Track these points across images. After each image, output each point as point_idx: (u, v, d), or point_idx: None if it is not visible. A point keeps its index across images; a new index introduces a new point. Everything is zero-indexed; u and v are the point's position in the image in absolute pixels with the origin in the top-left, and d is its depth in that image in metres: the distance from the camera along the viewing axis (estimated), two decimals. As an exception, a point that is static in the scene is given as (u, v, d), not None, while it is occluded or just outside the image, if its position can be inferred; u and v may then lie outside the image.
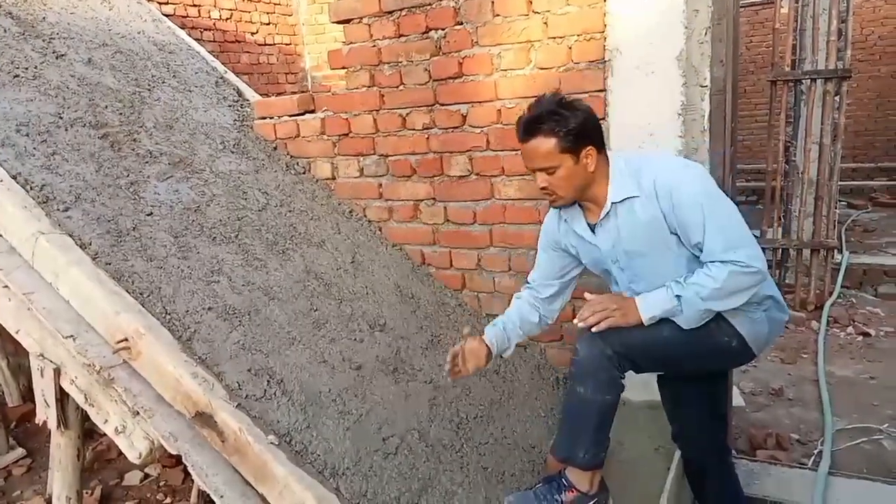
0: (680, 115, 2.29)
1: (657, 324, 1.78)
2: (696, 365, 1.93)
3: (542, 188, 1.78)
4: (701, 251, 1.71)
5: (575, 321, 1.84)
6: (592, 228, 1.87)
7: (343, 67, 3.01)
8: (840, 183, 5.08)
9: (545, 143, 1.71)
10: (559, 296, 2.07)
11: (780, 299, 1.89)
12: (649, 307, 1.77)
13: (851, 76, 4.78)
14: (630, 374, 1.87)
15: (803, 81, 4.81)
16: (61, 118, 2.70)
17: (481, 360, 1.98)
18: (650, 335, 1.79)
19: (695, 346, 1.81)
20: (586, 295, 1.87)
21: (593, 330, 1.79)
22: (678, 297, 1.73)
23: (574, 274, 2.06)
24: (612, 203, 1.78)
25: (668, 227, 1.73)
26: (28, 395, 3.88)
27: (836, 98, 4.75)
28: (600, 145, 1.77)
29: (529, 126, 1.73)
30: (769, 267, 4.95)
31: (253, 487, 1.78)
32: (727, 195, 1.79)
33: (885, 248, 5.97)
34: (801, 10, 4.84)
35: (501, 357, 2.07)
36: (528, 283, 2.11)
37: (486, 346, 1.99)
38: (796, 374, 3.79)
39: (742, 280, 1.68)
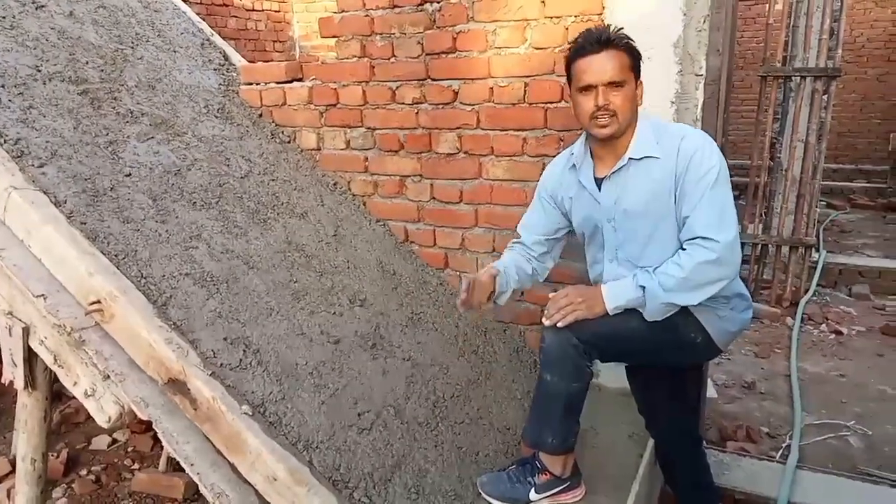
0: (673, 102, 2.26)
1: (625, 315, 1.78)
2: (661, 358, 1.94)
3: (602, 106, 1.70)
4: (684, 226, 1.72)
5: (542, 319, 1.84)
6: (598, 183, 1.85)
7: (334, 36, 2.94)
8: (821, 183, 5.13)
9: (619, 57, 1.69)
10: (549, 253, 2.06)
11: (747, 297, 1.89)
12: (614, 297, 1.78)
13: (840, 75, 4.80)
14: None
15: (793, 78, 4.82)
16: (39, 71, 2.61)
17: (484, 297, 1.89)
18: (617, 326, 1.79)
19: (660, 339, 1.81)
20: (550, 295, 1.86)
21: (559, 325, 1.78)
22: (642, 287, 1.73)
23: (564, 233, 2.05)
24: (630, 158, 1.76)
25: (674, 191, 1.71)
26: (-5, 354, 3.80)
27: (825, 97, 4.77)
28: None
29: (604, 38, 1.69)
30: (747, 262, 5.05)
31: (224, 457, 1.76)
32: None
33: (861, 249, 6.06)
34: (796, 6, 4.83)
35: (495, 303, 1.97)
36: (517, 240, 2.07)
37: (494, 284, 1.90)
38: (769, 369, 3.84)
39: (708, 272, 1.67)
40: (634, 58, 1.73)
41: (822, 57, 4.66)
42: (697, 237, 1.68)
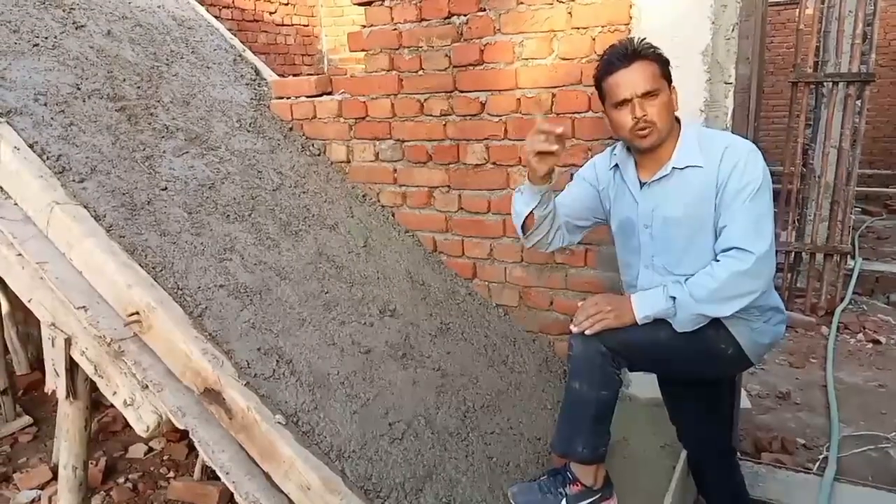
0: (702, 111, 2.26)
1: (654, 325, 1.76)
2: (691, 370, 1.91)
3: (640, 117, 1.68)
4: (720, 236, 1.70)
5: (570, 326, 1.83)
6: (641, 185, 1.83)
7: (362, 50, 2.99)
8: (856, 188, 5.03)
9: (649, 66, 1.68)
10: (573, 234, 2.02)
11: (783, 310, 1.86)
12: (643, 306, 1.76)
13: (874, 80, 4.71)
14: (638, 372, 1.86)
15: (825, 84, 4.75)
16: (79, 89, 2.69)
17: (552, 164, 1.69)
18: (646, 336, 1.78)
19: (690, 350, 1.78)
20: (579, 303, 1.85)
21: (587, 333, 1.78)
22: (672, 297, 1.72)
23: (590, 225, 2.03)
24: (674, 168, 1.75)
25: (714, 200, 1.70)
26: (36, 363, 3.91)
27: (858, 102, 4.69)
28: None
29: (631, 51, 1.69)
30: (780, 270, 4.97)
31: (259, 466, 1.79)
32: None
33: (899, 256, 5.92)
34: (827, 11, 4.77)
35: (537, 208, 1.82)
36: None
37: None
38: (804, 379, 3.76)
39: (741, 283, 1.65)
40: (664, 65, 1.73)
41: (855, 62, 4.58)
42: (733, 248, 1.66)
